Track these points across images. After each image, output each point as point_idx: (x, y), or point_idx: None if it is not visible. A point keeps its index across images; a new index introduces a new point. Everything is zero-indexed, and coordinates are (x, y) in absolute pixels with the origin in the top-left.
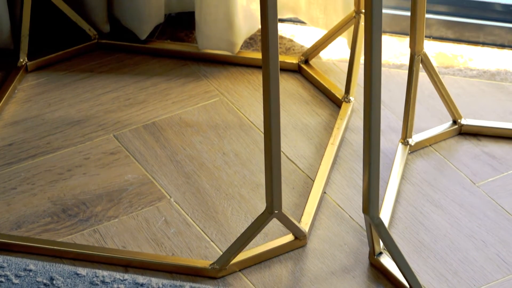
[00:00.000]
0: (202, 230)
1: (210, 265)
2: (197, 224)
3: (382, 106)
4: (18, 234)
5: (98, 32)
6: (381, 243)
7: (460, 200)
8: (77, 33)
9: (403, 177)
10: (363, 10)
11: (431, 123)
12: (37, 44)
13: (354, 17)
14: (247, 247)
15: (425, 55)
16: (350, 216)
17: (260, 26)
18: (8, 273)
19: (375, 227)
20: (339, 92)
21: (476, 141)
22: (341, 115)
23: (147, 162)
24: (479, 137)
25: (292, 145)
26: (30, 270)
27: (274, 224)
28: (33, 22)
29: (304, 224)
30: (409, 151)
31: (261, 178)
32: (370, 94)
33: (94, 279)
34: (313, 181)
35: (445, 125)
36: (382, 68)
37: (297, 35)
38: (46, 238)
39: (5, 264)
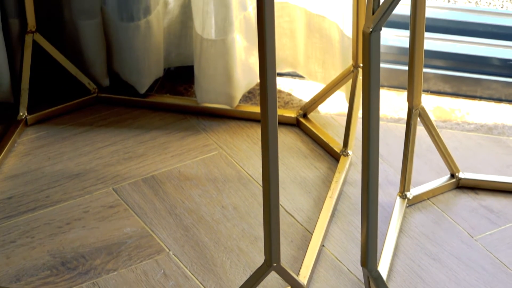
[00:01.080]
0: (201, 283)
1: None
2: (196, 277)
3: (380, 160)
4: (17, 287)
5: (97, 86)
6: None
7: (458, 253)
8: (76, 86)
9: (401, 230)
10: (361, 65)
11: (429, 176)
12: (37, 97)
13: (352, 71)
14: None
15: (423, 109)
16: (348, 269)
17: (258, 80)
18: None
19: (373, 280)
20: (337, 145)
21: (474, 195)
22: (339, 168)
23: (146, 216)
24: (477, 190)
25: (291, 198)
26: None
27: (272, 277)
28: (33, 76)
29: (303, 277)
30: (407, 205)
31: (260, 231)
32: (368, 148)
33: None
34: (312, 234)
35: (443, 179)
36: (380, 122)
37: (295, 89)
38: None
39: None
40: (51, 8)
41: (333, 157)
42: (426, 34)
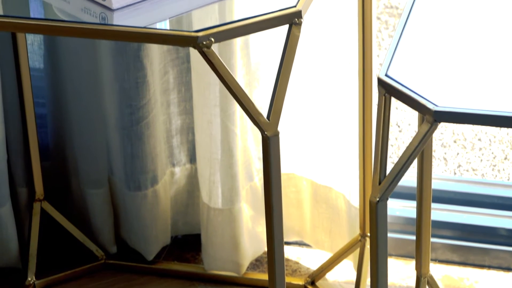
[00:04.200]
0: None
1: None
2: None
3: None
4: None
5: (105, 253)
6: None
7: None
8: (84, 253)
9: None
10: (369, 234)
11: None
12: (45, 263)
13: (360, 240)
14: None
15: (431, 277)
16: None
17: (266, 248)
18: None
19: None
20: None
21: None
22: None
23: None
24: None
25: None
26: None
27: None
28: (41, 241)
29: None
30: None
31: None
32: None
33: None
34: None
35: None
36: None
37: (303, 257)
38: None
39: None
40: (58, 177)
41: None
42: (433, 205)
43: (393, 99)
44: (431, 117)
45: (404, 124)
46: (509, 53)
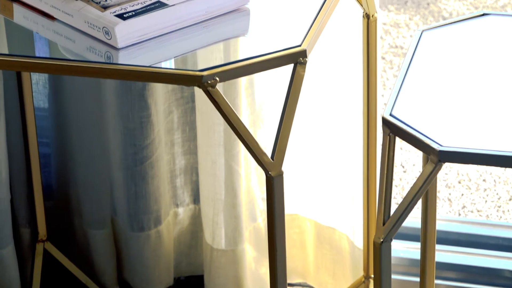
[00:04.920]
0: None
1: None
2: None
3: None
4: None
5: None
6: None
7: None
8: None
9: None
10: (372, 275)
11: None
12: None
13: (363, 282)
14: None
15: None
16: None
17: None
18: None
19: None
20: None
21: None
22: None
23: None
24: None
25: None
26: None
27: None
28: (43, 283)
29: None
30: None
31: None
32: None
33: None
34: None
35: None
36: None
37: None
38: None
39: None
40: (62, 217)
41: None
42: (437, 246)
43: (397, 139)
44: (436, 157)
45: (408, 165)
46: None
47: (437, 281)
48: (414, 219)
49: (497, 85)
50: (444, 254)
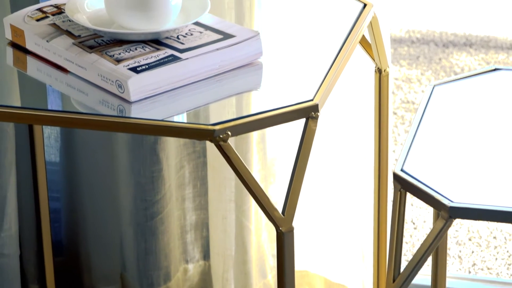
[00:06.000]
0: None
1: None
2: None
3: None
4: None
5: None
6: None
7: None
8: None
9: None
10: None
11: None
12: None
13: None
14: None
15: None
16: None
17: None
18: None
19: None
20: None
21: None
22: None
23: None
24: None
25: None
26: None
27: None
28: None
29: None
30: None
31: None
32: None
33: None
34: None
35: None
36: None
37: None
38: None
39: None
40: (71, 273)
41: None
42: None
43: (408, 195)
44: (446, 213)
45: (419, 221)
46: None
47: None
48: (424, 276)
49: (508, 141)
50: None
